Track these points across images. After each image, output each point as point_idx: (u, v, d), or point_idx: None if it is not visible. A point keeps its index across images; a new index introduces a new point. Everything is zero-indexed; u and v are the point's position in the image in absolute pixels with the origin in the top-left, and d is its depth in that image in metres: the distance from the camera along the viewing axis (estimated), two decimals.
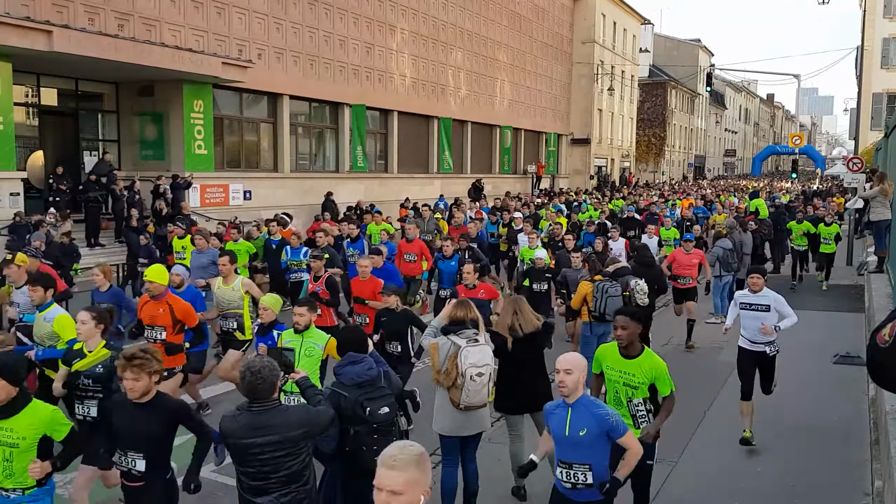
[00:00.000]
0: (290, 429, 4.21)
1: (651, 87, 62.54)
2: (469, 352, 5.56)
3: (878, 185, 13.74)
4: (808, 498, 6.48)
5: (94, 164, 18.46)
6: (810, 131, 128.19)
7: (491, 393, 5.76)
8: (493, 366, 5.66)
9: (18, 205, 15.63)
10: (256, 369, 4.25)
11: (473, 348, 5.59)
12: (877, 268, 13.78)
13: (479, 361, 5.58)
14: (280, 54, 22.68)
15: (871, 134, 40.56)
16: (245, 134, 22.67)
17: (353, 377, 4.71)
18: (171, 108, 19.34)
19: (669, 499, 6.47)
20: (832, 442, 7.71)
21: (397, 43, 28.15)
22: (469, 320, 5.79)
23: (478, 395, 5.60)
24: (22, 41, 14.30)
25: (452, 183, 31.69)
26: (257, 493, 4.19)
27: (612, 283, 9.26)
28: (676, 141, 69.28)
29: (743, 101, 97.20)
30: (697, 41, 73.10)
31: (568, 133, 44.94)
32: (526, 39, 38.38)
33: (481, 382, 5.57)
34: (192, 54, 18.22)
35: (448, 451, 5.93)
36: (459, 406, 5.64)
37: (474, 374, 5.53)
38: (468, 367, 5.52)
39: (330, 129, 25.95)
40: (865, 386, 9.24)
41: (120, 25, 17.50)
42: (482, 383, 5.57)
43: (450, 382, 5.58)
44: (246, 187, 21.66)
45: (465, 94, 33.09)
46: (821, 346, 10.99)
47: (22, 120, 17.63)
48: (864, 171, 23.48)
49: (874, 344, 2.98)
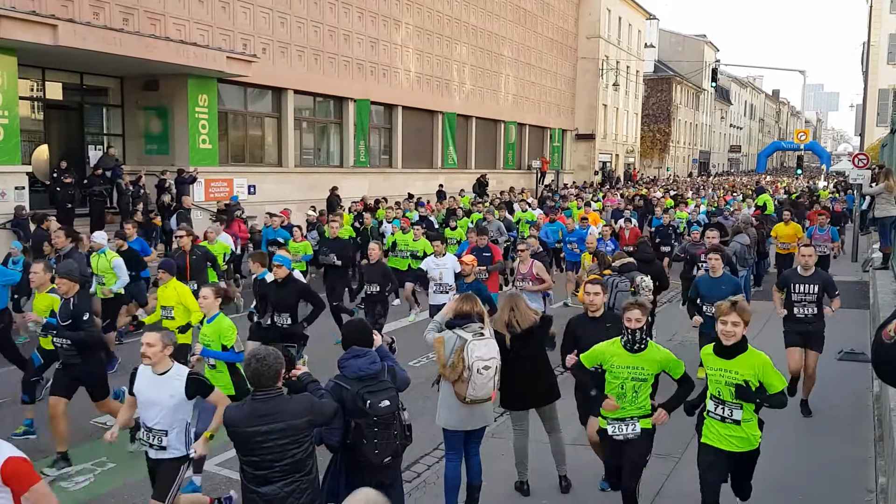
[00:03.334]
0: (294, 416, 4.23)
1: (656, 83, 62.40)
2: (475, 345, 5.56)
3: (885, 181, 13.70)
4: (812, 494, 6.48)
5: (98, 159, 18.50)
6: (816, 127, 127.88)
7: (495, 387, 5.76)
8: (499, 359, 5.66)
9: (24, 199, 15.67)
10: (262, 356, 4.27)
11: (480, 342, 5.59)
12: (882, 264, 13.74)
13: (485, 355, 5.57)
14: (284, 49, 22.67)
15: (876, 130, 40.37)
16: (249, 128, 22.68)
17: (355, 370, 4.73)
18: (175, 103, 19.35)
19: (673, 494, 6.47)
20: (836, 438, 7.70)
21: (402, 38, 28.12)
22: (475, 314, 5.77)
23: (484, 389, 5.59)
24: (27, 35, 14.30)
25: (456, 178, 31.67)
26: (261, 483, 4.20)
27: (621, 278, 9.25)
28: (681, 137, 69.13)
29: (748, 97, 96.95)
30: (703, 36, 72.90)
31: (572, 128, 44.85)
32: (530, 34, 38.30)
33: (488, 376, 5.56)
34: (197, 49, 18.22)
35: (451, 446, 5.93)
36: (465, 400, 5.64)
37: (481, 367, 5.52)
38: (475, 360, 5.51)
39: (334, 124, 25.95)
40: (870, 383, 9.23)
41: (125, 20, 17.51)
42: (489, 376, 5.57)
43: (456, 376, 5.58)
44: (250, 182, 21.68)
45: (470, 89, 33.04)
46: (825, 343, 10.96)
47: (27, 114, 17.66)
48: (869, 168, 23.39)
49: (880, 340, 2.98)
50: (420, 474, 6.91)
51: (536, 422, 6.51)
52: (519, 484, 6.50)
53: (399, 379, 4.98)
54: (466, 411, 5.76)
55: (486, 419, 5.94)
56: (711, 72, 46.48)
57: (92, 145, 19.60)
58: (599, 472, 6.49)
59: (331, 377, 4.85)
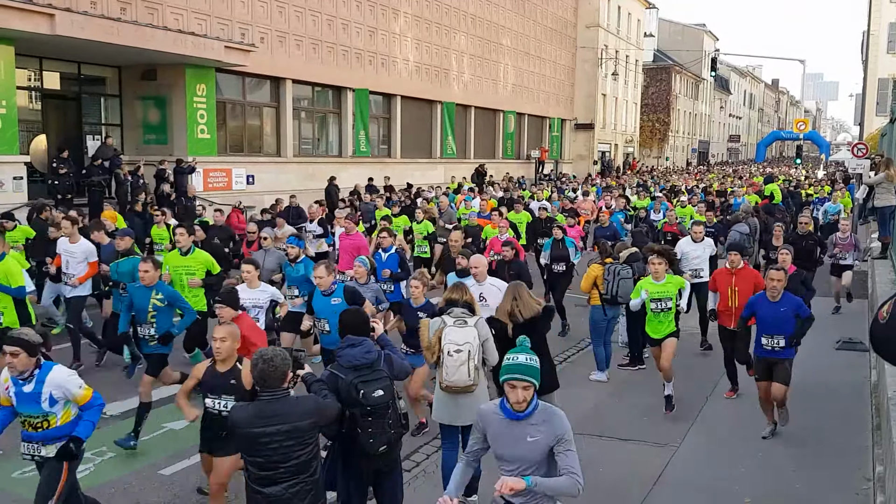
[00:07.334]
0: (300, 418, 4.23)
1: (655, 72, 62.23)
2: (451, 330, 5.75)
3: (885, 170, 13.66)
4: (810, 483, 6.50)
5: (96, 149, 18.46)
6: (815, 117, 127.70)
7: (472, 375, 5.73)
8: (475, 347, 5.72)
9: (22, 189, 15.64)
10: (269, 357, 4.27)
11: (457, 328, 5.75)
12: (880, 254, 13.72)
13: (459, 339, 5.71)
14: (283, 38, 22.58)
15: (876, 119, 40.30)
16: (248, 118, 22.61)
17: (350, 360, 4.75)
18: (173, 92, 19.28)
19: (671, 482, 6.50)
20: (834, 427, 7.72)
21: (400, 27, 28.02)
22: (462, 302, 5.94)
23: (456, 374, 5.69)
24: (24, 24, 14.24)
25: (455, 168, 31.63)
26: (266, 484, 4.20)
27: (623, 266, 9.28)
28: (680, 126, 69.02)
29: (748, 87, 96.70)
30: (702, 26, 72.64)
31: (572, 118, 44.74)
32: (530, 23, 38.16)
33: (459, 359, 5.66)
34: (195, 38, 18.15)
35: (446, 436, 6.03)
36: (442, 385, 5.79)
37: (452, 349, 5.68)
38: (447, 343, 5.70)
39: (333, 114, 25.89)
40: (867, 371, 9.25)
41: (122, 9, 17.43)
42: (460, 360, 5.66)
43: (434, 359, 5.80)
44: (249, 172, 21.64)
45: (469, 79, 32.95)
46: (823, 332, 10.98)
47: (25, 104, 17.59)
48: (868, 157, 23.38)
49: (875, 319, 3.33)
50: (419, 463, 6.94)
51: None
52: None
53: (397, 368, 5.00)
54: (452, 403, 5.84)
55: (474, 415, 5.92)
56: (711, 61, 46.29)
57: (90, 135, 19.55)
58: (597, 463, 6.52)
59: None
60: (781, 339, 7.21)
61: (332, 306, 7.18)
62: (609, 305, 9.34)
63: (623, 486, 6.36)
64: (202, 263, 9.09)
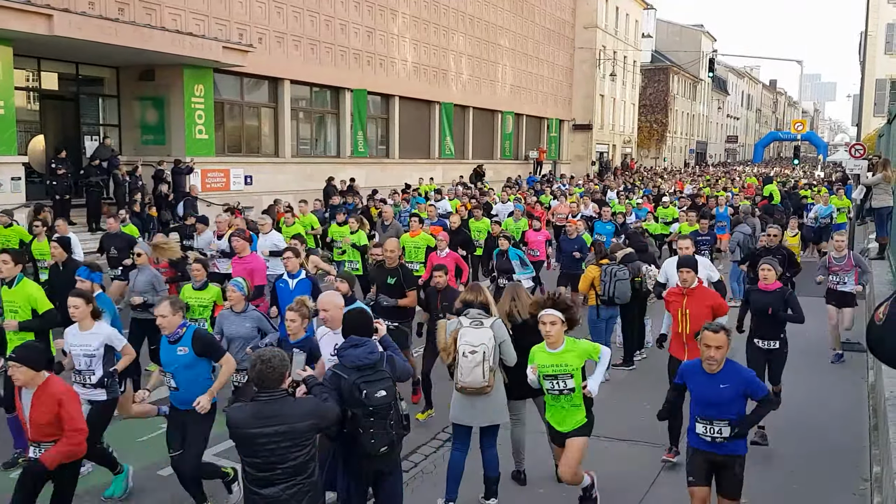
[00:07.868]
0: (298, 419, 4.23)
1: (653, 73, 62.27)
2: (467, 331, 5.80)
3: (882, 171, 13.69)
4: (808, 483, 6.52)
5: (94, 149, 18.45)
6: (813, 117, 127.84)
7: (487, 376, 5.75)
8: (491, 348, 5.74)
9: (20, 189, 15.64)
10: (267, 358, 4.27)
11: (473, 329, 5.80)
12: (878, 254, 13.75)
13: (474, 340, 5.75)
14: (281, 39, 22.59)
15: (873, 120, 40.37)
16: (246, 119, 22.61)
17: (353, 360, 4.75)
18: (171, 93, 19.29)
19: (668, 483, 6.51)
20: (831, 427, 7.74)
21: (398, 27, 28.03)
22: (478, 303, 5.98)
23: (471, 375, 5.71)
24: (22, 25, 14.25)
25: (454, 168, 31.64)
26: (263, 485, 4.20)
27: (619, 267, 9.30)
28: (678, 127, 69.06)
29: (745, 87, 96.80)
30: (700, 26, 72.68)
31: (570, 119, 44.78)
32: (528, 24, 38.18)
33: (474, 360, 5.69)
34: (193, 38, 18.16)
35: (457, 437, 6.02)
36: (457, 386, 5.81)
37: (467, 351, 5.72)
38: (462, 344, 5.75)
39: (331, 114, 25.89)
40: (865, 372, 9.27)
41: (120, 9, 17.43)
42: (475, 361, 5.69)
43: (450, 359, 5.84)
44: (247, 172, 21.65)
45: (467, 79, 32.97)
46: (821, 333, 11.00)
47: (23, 104, 17.60)
48: (866, 158, 23.39)
49: (872, 321, 3.36)
50: (417, 464, 6.95)
51: (534, 412, 6.54)
52: (516, 473, 6.54)
53: (399, 369, 4.99)
54: (468, 404, 5.85)
55: (491, 416, 5.94)
56: (708, 62, 46.30)
57: (88, 136, 19.56)
58: (596, 463, 6.52)
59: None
60: (724, 425, 5.02)
61: (177, 357, 5.66)
62: (604, 306, 9.37)
63: (622, 486, 6.37)
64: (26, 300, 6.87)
